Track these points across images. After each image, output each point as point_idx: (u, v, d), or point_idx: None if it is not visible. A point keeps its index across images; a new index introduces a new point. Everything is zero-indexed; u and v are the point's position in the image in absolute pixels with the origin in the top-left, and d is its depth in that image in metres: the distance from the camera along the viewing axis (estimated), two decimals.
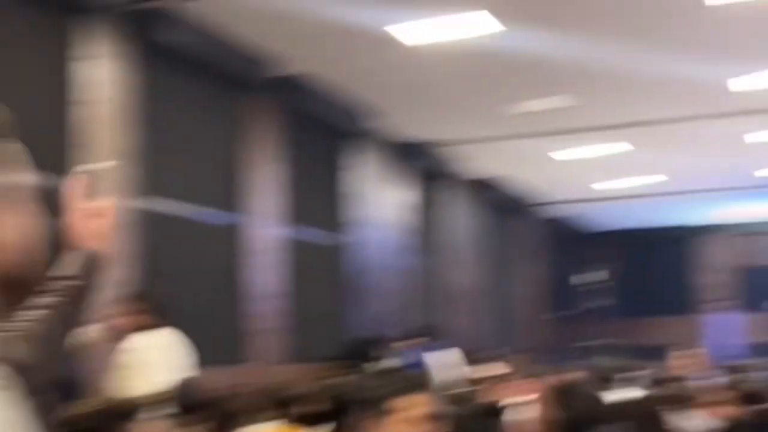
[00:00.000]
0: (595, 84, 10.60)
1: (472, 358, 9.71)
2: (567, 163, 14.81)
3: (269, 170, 10.25)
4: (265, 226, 10.11)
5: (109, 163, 7.39)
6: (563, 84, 10.58)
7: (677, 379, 8.40)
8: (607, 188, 16.99)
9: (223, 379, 6.88)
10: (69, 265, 1.72)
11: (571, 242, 21.19)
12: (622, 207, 18.97)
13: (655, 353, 16.03)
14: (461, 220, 15.43)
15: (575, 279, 20.36)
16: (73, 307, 1.67)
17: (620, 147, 13.79)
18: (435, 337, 10.32)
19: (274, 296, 10.10)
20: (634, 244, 22.22)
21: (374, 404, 3.02)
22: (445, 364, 9.34)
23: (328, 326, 11.37)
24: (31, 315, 1.57)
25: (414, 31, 8.81)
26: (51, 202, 1.73)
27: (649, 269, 22.06)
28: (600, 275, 20.20)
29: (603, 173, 15.77)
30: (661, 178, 16.18)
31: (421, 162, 13.76)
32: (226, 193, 9.84)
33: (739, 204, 19.18)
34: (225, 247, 9.72)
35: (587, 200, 18.18)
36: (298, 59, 9.58)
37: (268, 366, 9.58)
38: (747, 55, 9.67)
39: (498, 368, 8.17)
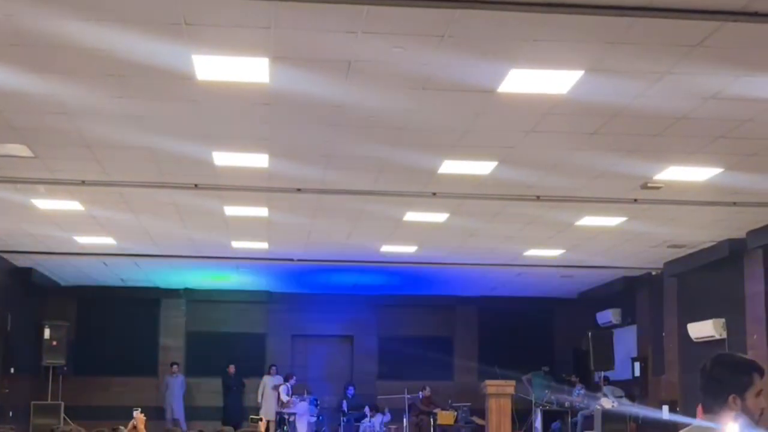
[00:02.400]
0: (56, 139, 10.16)
1: None
2: (46, 214, 14.12)
3: None
4: None
5: None
6: (20, 133, 10.02)
7: None
8: (88, 243, 16.51)
9: None
10: None
11: (34, 294, 20.13)
12: (89, 263, 18.58)
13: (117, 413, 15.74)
14: None
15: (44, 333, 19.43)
16: None
17: (72, 205, 13.40)
18: None
19: None
20: (96, 300, 21.79)
21: None
22: None
23: None
24: None
25: None
26: None
27: (112, 327, 21.76)
28: (60, 331, 19.47)
29: (68, 228, 15.27)
30: (110, 240, 16.12)
31: None
32: None
33: (210, 271, 19.82)
34: None
35: (56, 253, 17.44)
36: None
37: None
38: (233, 131, 10.01)
39: None
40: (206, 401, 21.75)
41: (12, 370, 18.41)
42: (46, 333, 19.31)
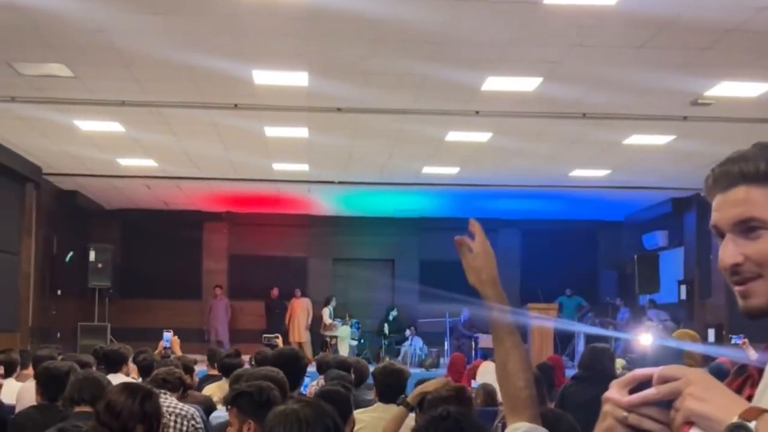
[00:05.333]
0: (95, 58, 10.06)
1: None
2: (88, 136, 14.12)
3: None
4: None
5: None
6: (59, 52, 9.92)
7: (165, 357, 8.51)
8: (130, 165, 16.55)
9: None
10: None
11: (79, 217, 20.33)
12: (132, 186, 18.66)
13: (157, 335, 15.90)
14: None
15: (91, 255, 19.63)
16: None
17: (113, 126, 13.37)
18: None
19: None
20: (140, 224, 21.90)
21: None
22: None
23: None
24: None
25: None
26: None
27: (156, 251, 21.91)
28: (105, 254, 19.63)
29: (114, 150, 15.27)
30: (151, 162, 16.16)
31: None
32: None
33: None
34: None
35: (99, 175, 17.50)
36: None
37: None
38: (272, 47, 9.83)
39: None
40: (249, 324, 21.92)
41: (59, 292, 18.67)
42: (92, 256, 19.48)
